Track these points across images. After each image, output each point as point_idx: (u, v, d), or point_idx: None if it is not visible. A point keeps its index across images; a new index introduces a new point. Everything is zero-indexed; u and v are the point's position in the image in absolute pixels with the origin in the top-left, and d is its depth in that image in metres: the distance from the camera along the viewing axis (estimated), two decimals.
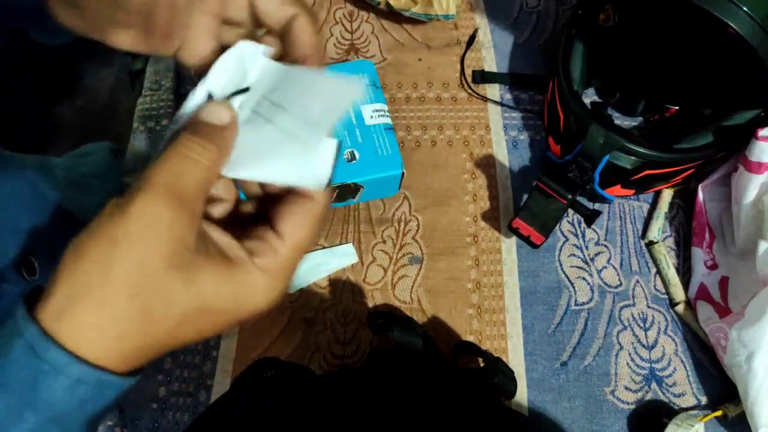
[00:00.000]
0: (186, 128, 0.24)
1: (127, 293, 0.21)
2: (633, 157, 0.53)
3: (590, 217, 0.53)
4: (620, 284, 0.56)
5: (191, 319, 0.23)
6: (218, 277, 0.23)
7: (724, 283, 0.53)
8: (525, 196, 0.54)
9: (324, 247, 0.57)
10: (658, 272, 0.56)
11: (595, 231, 0.59)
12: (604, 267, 0.57)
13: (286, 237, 0.25)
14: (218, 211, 0.27)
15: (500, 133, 0.63)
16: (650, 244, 0.57)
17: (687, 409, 0.51)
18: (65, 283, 0.21)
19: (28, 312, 0.21)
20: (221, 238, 0.24)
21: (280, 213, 0.25)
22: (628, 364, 0.53)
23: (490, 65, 0.68)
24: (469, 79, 0.66)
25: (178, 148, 0.23)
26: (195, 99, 0.26)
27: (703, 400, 0.51)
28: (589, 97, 0.64)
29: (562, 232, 0.58)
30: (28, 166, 0.50)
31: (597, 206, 0.58)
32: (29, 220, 0.48)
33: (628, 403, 0.51)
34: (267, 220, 0.26)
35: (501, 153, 0.62)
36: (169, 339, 0.23)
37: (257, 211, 0.28)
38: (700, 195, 0.56)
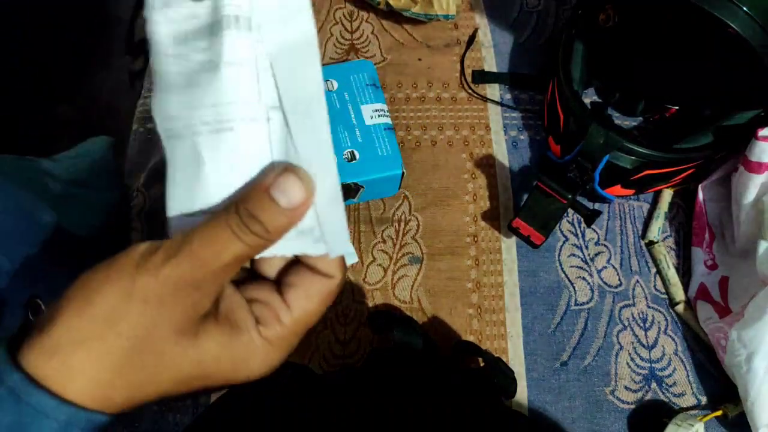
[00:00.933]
0: (247, 195, 0.22)
1: (127, 349, 0.21)
2: (633, 157, 0.53)
3: (590, 217, 0.53)
4: (620, 284, 0.56)
5: (185, 382, 0.22)
6: (221, 343, 0.22)
7: (724, 283, 0.53)
8: (525, 196, 0.54)
9: None
10: (658, 272, 0.56)
11: (595, 231, 0.59)
12: (604, 267, 0.57)
13: (295, 309, 0.24)
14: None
15: (500, 133, 0.63)
16: (650, 244, 0.57)
17: (687, 409, 0.51)
18: (65, 325, 0.21)
19: (10, 354, 0.20)
20: (232, 297, 0.24)
21: (293, 282, 0.24)
22: (628, 363, 0.53)
23: (490, 65, 0.68)
24: (469, 79, 0.66)
25: (229, 222, 0.21)
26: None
27: (703, 400, 0.52)
28: (589, 97, 0.64)
29: (562, 232, 0.58)
30: (16, 186, 0.47)
31: (597, 206, 0.58)
32: (28, 258, 0.45)
33: (628, 403, 0.51)
34: (276, 280, 0.25)
35: (501, 153, 0.62)
36: (161, 394, 0.22)
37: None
38: (700, 195, 0.56)
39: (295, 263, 0.25)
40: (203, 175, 0.23)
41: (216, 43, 0.23)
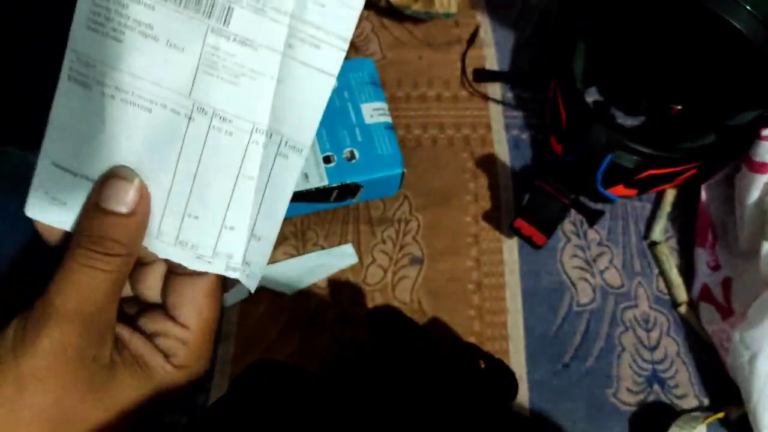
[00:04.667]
0: (82, 223, 0.21)
1: (40, 429, 0.20)
2: (636, 157, 0.52)
3: (593, 218, 0.53)
4: (622, 285, 0.56)
5: (113, 425, 0.22)
6: (137, 386, 0.22)
7: (727, 284, 0.52)
8: (526, 196, 0.54)
9: (323, 248, 0.56)
10: (661, 273, 0.56)
11: (597, 231, 0.58)
12: (607, 268, 0.56)
13: (192, 326, 0.24)
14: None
15: (501, 132, 0.63)
16: (653, 245, 0.57)
17: (689, 411, 0.51)
18: None
19: None
20: (132, 339, 0.23)
21: (177, 302, 0.24)
22: (630, 365, 0.52)
23: (492, 64, 0.67)
24: (470, 78, 0.66)
25: (79, 259, 0.20)
26: None
27: (706, 401, 0.51)
28: (592, 96, 0.63)
29: (564, 233, 0.58)
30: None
31: (599, 206, 0.58)
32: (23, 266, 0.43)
33: (630, 405, 0.51)
34: (162, 302, 0.24)
35: (502, 152, 0.62)
36: None
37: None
38: (704, 195, 0.56)
39: (169, 276, 0.24)
40: (99, 137, 0.21)
41: (185, 26, 0.21)
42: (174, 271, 0.24)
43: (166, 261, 0.24)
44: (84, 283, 0.20)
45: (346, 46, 0.22)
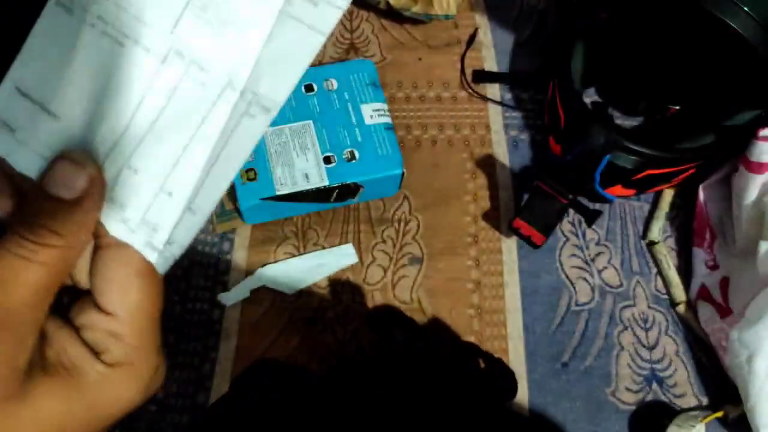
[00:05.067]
0: (24, 206, 0.18)
1: None
2: (634, 157, 0.52)
3: (591, 217, 0.53)
4: (621, 284, 0.56)
5: None
6: (63, 396, 0.18)
7: (725, 283, 0.52)
8: (525, 196, 0.54)
9: (323, 248, 0.56)
10: (659, 272, 0.56)
11: (595, 231, 0.58)
12: (605, 267, 0.57)
13: (118, 313, 0.19)
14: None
15: (501, 133, 0.63)
16: (651, 245, 0.57)
17: (688, 410, 0.51)
18: None
19: None
20: (59, 335, 0.19)
21: (98, 284, 0.19)
22: (628, 364, 0.53)
23: (491, 65, 0.67)
24: (470, 79, 0.66)
25: (8, 245, 0.17)
26: None
27: (704, 400, 0.51)
28: (590, 96, 0.64)
29: (562, 232, 0.58)
30: None
31: (598, 206, 0.58)
32: None
33: (628, 404, 0.51)
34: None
35: (501, 153, 0.62)
36: None
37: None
38: (701, 195, 0.56)
39: (95, 253, 0.20)
40: (69, 67, 0.20)
41: None
42: (97, 244, 0.20)
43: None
44: (7, 274, 0.17)
45: (344, 5, 0.20)
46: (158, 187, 0.20)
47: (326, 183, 0.53)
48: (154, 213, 0.20)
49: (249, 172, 0.53)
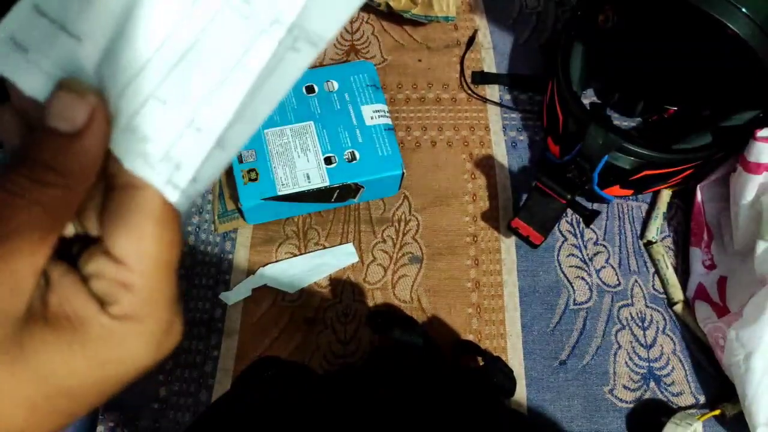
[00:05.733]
0: (24, 142, 0.17)
1: None
2: (632, 158, 0.53)
3: (589, 217, 0.53)
4: (619, 284, 0.56)
5: (44, 410, 0.17)
6: (65, 351, 0.17)
7: (722, 282, 0.53)
8: (524, 197, 0.54)
9: (324, 247, 0.57)
10: (657, 272, 0.57)
11: (593, 231, 0.59)
12: (603, 267, 0.57)
13: (131, 261, 0.17)
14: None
15: (500, 134, 0.64)
16: (649, 244, 0.58)
17: (685, 408, 0.51)
18: None
19: None
20: (63, 283, 0.17)
21: (109, 230, 0.17)
22: (626, 363, 0.53)
23: (490, 66, 0.68)
24: (469, 80, 0.66)
25: (4, 183, 0.16)
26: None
27: (702, 399, 0.52)
28: (588, 97, 0.64)
29: (561, 232, 0.58)
30: None
31: (596, 206, 0.59)
32: None
33: (626, 402, 0.52)
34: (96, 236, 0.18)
35: (500, 153, 0.62)
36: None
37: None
38: (699, 195, 0.57)
39: (106, 195, 0.18)
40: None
41: None
42: (110, 184, 0.18)
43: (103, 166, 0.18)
44: (9, 217, 0.16)
45: None
46: (188, 121, 0.18)
47: (327, 183, 0.54)
48: (179, 149, 0.18)
49: (251, 173, 0.54)
